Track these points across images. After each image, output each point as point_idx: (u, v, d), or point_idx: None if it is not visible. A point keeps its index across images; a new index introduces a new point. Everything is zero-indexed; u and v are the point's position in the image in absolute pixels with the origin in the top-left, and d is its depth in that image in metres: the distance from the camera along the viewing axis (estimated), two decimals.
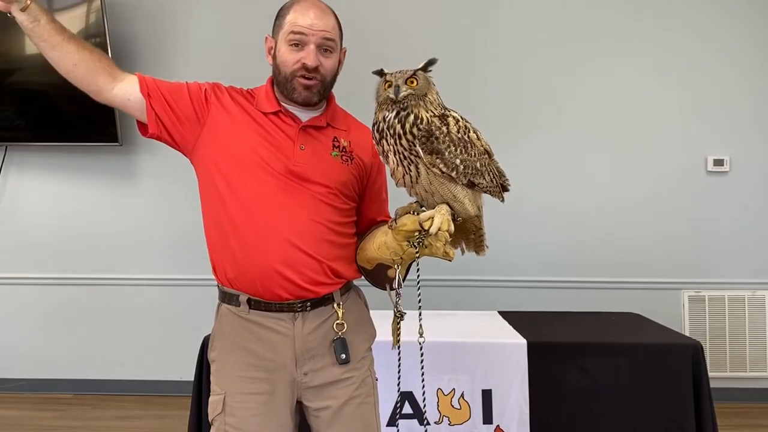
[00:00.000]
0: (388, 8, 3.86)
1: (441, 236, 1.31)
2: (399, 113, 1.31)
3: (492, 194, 1.44)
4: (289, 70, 1.51)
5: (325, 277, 1.50)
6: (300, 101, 1.53)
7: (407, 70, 1.33)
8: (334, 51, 1.54)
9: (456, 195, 1.34)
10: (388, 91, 1.32)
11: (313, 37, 1.49)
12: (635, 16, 3.80)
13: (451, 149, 1.30)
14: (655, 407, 2.36)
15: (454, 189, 1.34)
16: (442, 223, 1.29)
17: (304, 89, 1.51)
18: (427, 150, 1.29)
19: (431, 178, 1.32)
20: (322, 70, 1.51)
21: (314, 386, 1.53)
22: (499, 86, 3.77)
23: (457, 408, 2.39)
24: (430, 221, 1.30)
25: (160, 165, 3.86)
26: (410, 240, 1.37)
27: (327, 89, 1.56)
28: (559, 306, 3.46)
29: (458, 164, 1.31)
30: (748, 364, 3.70)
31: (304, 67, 1.49)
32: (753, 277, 3.75)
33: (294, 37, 1.49)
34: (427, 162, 1.30)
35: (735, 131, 3.78)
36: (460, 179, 1.33)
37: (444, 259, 1.38)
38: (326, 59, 1.52)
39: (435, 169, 1.30)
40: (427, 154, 1.29)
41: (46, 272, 3.95)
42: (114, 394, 3.85)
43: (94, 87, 1.48)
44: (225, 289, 1.54)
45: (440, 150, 1.29)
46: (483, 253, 1.52)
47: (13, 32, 3.67)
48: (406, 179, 1.34)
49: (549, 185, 3.75)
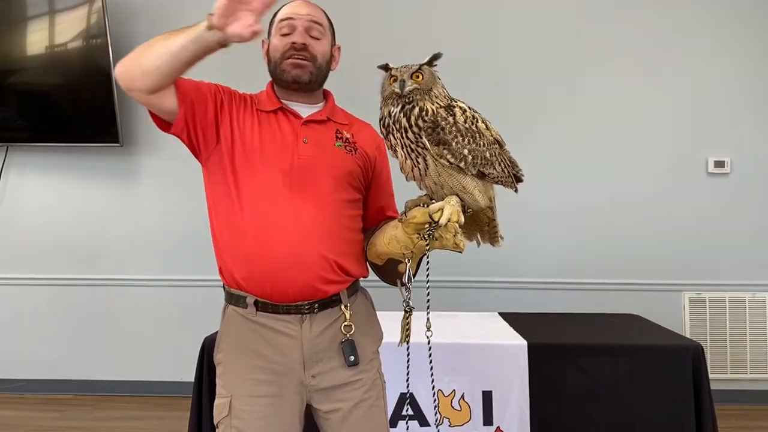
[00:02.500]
0: (388, 7, 3.87)
1: (450, 227, 1.29)
2: (404, 107, 1.31)
3: (504, 185, 1.42)
4: (279, 54, 1.54)
5: (334, 274, 1.49)
6: (290, 81, 1.54)
7: (412, 65, 1.34)
8: (323, 37, 1.57)
9: (465, 186, 1.33)
10: (393, 86, 1.33)
11: (300, 20, 1.54)
12: (636, 18, 3.80)
13: (458, 139, 1.29)
14: (656, 409, 2.35)
15: (464, 180, 1.33)
16: (452, 213, 1.28)
17: (293, 67, 1.53)
18: (434, 141, 1.29)
19: (439, 169, 1.31)
20: (312, 50, 1.54)
21: (323, 389, 1.52)
22: (497, 89, 3.77)
23: (457, 409, 2.39)
24: (440, 212, 1.29)
25: (160, 166, 3.85)
26: (420, 232, 1.35)
27: (320, 73, 1.57)
28: (560, 307, 3.46)
29: (466, 154, 1.30)
30: (749, 366, 3.70)
31: (293, 47, 1.52)
32: (754, 278, 3.75)
33: (283, 24, 1.55)
34: (434, 153, 1.29)
35: (736, 133, 3.78)
36: (469, 170, 1.32)
37: (455, 250, 1.37)
38: (316, 42, 1.55)
39: (443, 160, 1.29)
40: (434, 146, 1.29)
41: (46, 273, 3.96)
42: (114, 395, 3.85)
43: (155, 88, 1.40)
44: (232, 291, 1.53)
45: (447, 140, 1.29)
46: (498, 245, 1.51)
47: (14, 33, 3.68)
48: (415, 172, 1.33)
49: (549, 187, 3.74)
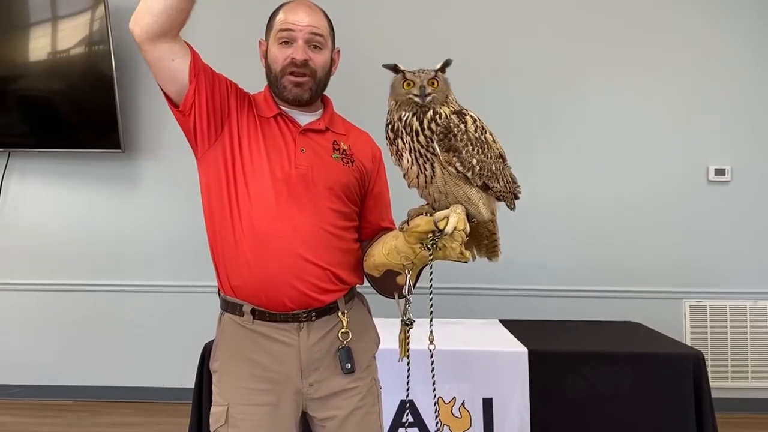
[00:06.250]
0: (389, 12, 3.88)
1: (457, 236, 1.26)
2: (417, 112, 1.28)
3: (504, 200, 1.41)
4: (279, 68, 1.52)
5: (330, 284, 1.49)
6: (291, 99, 1.53)
7: (428, 71, 1.31)
8: (323, 47, 1.53)
9: (471, 197, 1.31)
10: (410, 92, 1.29)
11: (301, 32, 1.50)
12: (636, 26, 3.81)
13: (468, 148, 1.27)
14: (657, 417, 2.35)
15: (469, 191, 1.30)
16: (458, 222, 1.25)
17: (294, 86, 1.51)
18: (444, 147, 1.26)
19: (446, 178, 1.28)
20: (312, 64, 1.51)
21: (319, 397, 1.51)
22: (498, 96, 3.78)
23: (457, 416, 2.38)
24: (446, 221, 1.25)
25: (161, 171, 3.85)
26: (423, 242, 1.31)
27: (320, 86, 1.55)
28: (561, 315, 3.45)
29: (474, 164, 1.28)
30: (750, 374, 3.69)
31: (293, 63, 1.50)
32: (755, 286, 3.74)
33: (282, 34, 1.51)
34: (443, 160, 1.26)
35: (736, 141, 3.78)
36: (475, 180, 1.29)
37: (459, 260, 1.33)
38: (316, 55, 1.52)
39: (451, 167, 1.27)
40: (444, 152, 1.26)
41: (46, 278, 3.95)
42: (113, 401, 3.84)
43: (166, 29, 1.41)
44: (228, 299, 1.52)
45: (458, 148, 1.26)
46: (496, 259, 1.49)
47: (17, 39, 3.69)
48: (420, 179, 1.30)
49: (549, 194, 3.75)
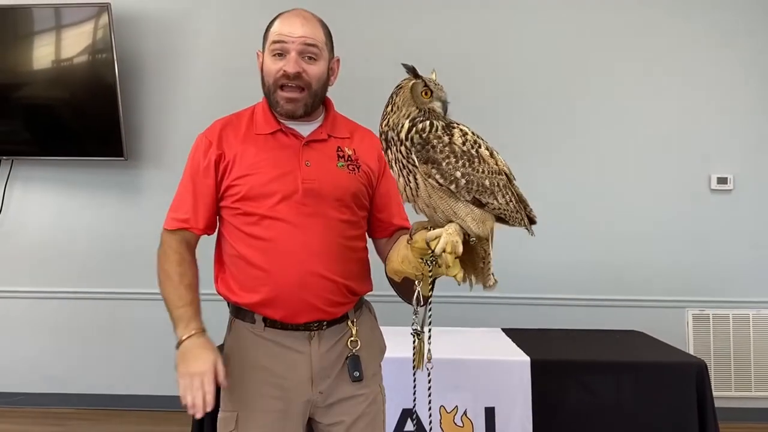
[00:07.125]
0: (390, 19, 3.90)
1: (446, 258, 1.20)
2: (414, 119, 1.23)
3: (511, 221, 1.30)
4: (272, 80, 1.50)
5: (342, 297, 1.50)
6: (284, 114, 1.52)
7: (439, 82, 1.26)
8: (319, 58, 1.50)
9: (456, 212, 1.23)
10: (432, 103, 1.24)
11: (293, 44, 1.47)
12: (638, 33, 3.82)
13: (450, 160, 1.20)
14: (659, 426, 2.34)
15: (455, 205, 1.23)
16: (446, 244, 1.19)
17: (286, 102, 1.50)
18: (422, 158, 1.20)
19: (429, 190, 1.22)
20: (306, 76, 1.48)
21: (327, 404, 1.52)
22: (502, 104, 3.79)
23: (459, 425, 2.37)
24: (436, 241, 1.21)
25: (165, 179, 3.83)
26: (424, 258, 1.27)
27: (315, 99, 1.53)
28: (563, 324, 3.43)
29: (458, 177, 1.20)
30: (753, 384, 3.67)
31: (285, 75, 1.48)
32: (758, 296, 3.73)
33: (276, 46, 1.49)
34: (422, 172, 1.21)
35: (739, 149, 3.78)
36: (462, 194, 1.21)
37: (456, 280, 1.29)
38: (310, 66, 1.49)
39: (431, 180, 1.20)
40: (422, 163, 1.20)
41: (49, 286, 3.95)
42: (116, 409, 3.83)
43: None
44: (239, 307, 1.53)
45: (436, 159, 1.19)
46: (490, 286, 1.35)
47: (21, 48, 3.72)
48: (407, 191, 1.25)
49: (552, 203, 3.74)
